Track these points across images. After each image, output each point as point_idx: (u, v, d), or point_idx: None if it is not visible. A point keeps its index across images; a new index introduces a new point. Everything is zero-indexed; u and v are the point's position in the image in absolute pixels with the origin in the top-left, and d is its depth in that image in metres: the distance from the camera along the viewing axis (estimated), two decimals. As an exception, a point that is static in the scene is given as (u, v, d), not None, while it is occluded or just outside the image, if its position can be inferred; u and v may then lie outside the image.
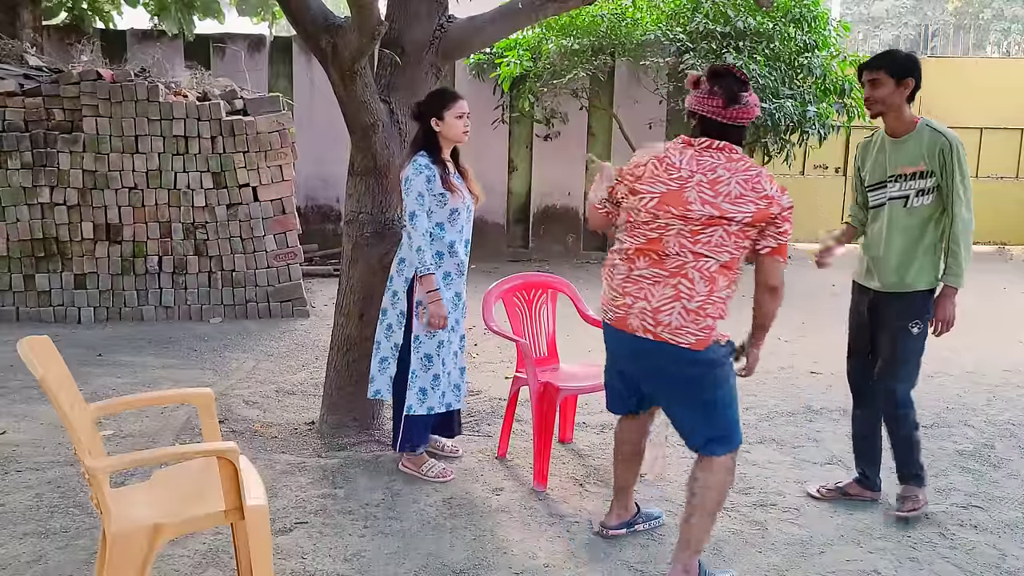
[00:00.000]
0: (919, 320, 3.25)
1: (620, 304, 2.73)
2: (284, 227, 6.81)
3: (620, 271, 2.75)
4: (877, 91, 3.22)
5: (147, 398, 3.17)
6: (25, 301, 6.52)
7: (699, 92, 2.74)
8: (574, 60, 8.92)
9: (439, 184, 3.43)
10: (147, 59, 7.92)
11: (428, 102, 3.51)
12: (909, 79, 3.18)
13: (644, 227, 2.69)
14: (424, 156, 3.46)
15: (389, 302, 3.60)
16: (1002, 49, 27.67)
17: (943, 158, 3.16)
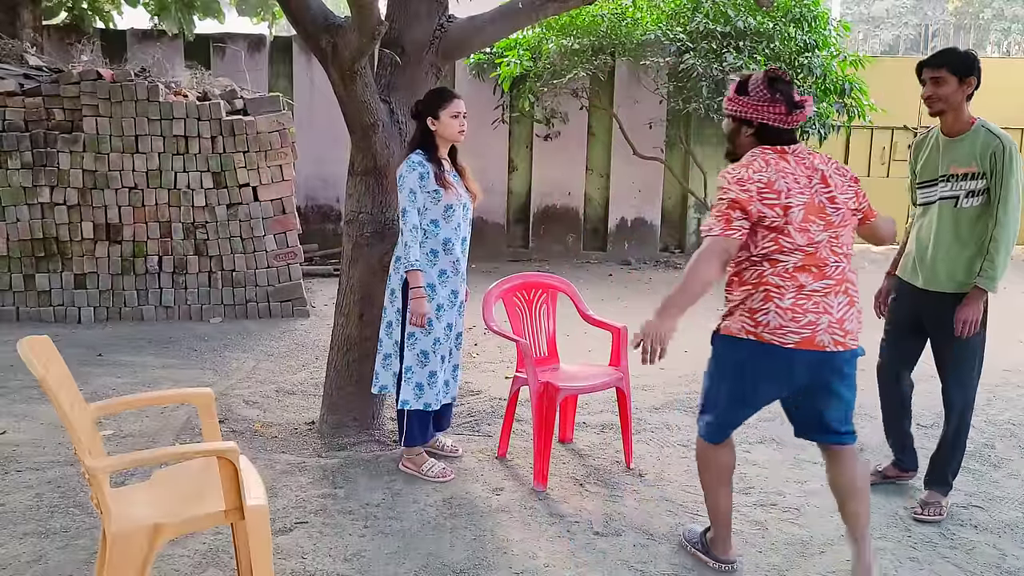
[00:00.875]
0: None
1: (804, 324, 2.60)
2: (284, 227, 6.81)
3: (788, 292, 2.61)
4: (941, 89, 3.20)
5: (147, 398, 3.17)
6: (25, 301, 6.51)
7: (754, 99, 2.69)
8: (574, 60, 8.92)
9: (432, 181, 3.46)
10: (147, 59, 7.92)
11: (425, 101, 3.55)
12: (972, 78, 3.18)
13: (796, 242, 2.60)
14: (419, 154, 3.50)
15: (388, 300, 3.62)
16: (1002, 49, 27.67)
17: (994, 160, 3.15)
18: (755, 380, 2.72)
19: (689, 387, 5.04)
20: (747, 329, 2.66)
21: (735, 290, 2.74)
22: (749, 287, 2.67)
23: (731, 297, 2.76)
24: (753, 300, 2.65)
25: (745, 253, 2.66)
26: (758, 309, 2.64)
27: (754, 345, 2.66)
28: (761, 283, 2.64)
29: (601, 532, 3.22)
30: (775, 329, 2.61)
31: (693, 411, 4.67)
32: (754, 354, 2.67)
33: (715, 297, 2.73)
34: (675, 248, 10.43)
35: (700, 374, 3.70)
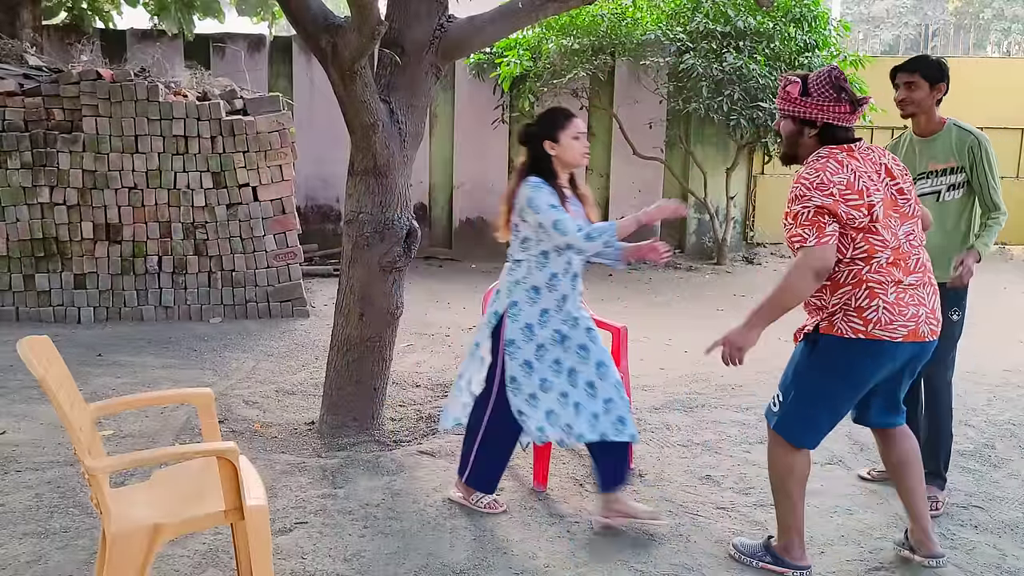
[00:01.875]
0: (958, 308, 3.39)
1: (909, 317, 2.66)
2: (284, 227, 6.81)
3: (889, 287, 2.66)
4: (914, 93, 3.42)
5: (147, 398, 3.18)
6: (25, 301, 6.51)
7: (818, 100, 2.70)
8: (574, 60, 8.92)
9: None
10: (147, 59, 7.91)
11: (541, 123, 3.19)
12: (942, 84, 3.41)
13: (885, 239, 2.66)
14: (537, 177, 3.13)
15: (524, 337, 3.18)
16: (1002, 49, 27.68)
17: (972, 154, 3.37)
18: (866, 378, 2.76)
19: (689, 387, 5.04)
20: (856, 328, 2.68)
21: (831, 294, 2.73)
22: (849, 287, 2.69)
23: (827, 300, 2.74)
24: (857, 299, 2.68)
25: (837, 254, 2.67)
26: (865, 307, 2.66)
27: (866, 343, 2.67)
28: (861, 282, 2.67)
29: (601, 532, 3.22)
30: (886, 325, 2.65)
31: (693, 411, 4.68)
32: (867, 352, 2.69)
33: (714, 300, 2.72)
34: (675, 248, 10.43)
35: (699, 374, 3.71)
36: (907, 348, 2.70)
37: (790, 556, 2.90)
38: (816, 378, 2.79)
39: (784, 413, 2.83)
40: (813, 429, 2.83)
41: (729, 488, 3.67)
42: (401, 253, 4.02)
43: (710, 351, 2.78)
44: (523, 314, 3.18)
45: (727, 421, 4.52)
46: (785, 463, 2.86)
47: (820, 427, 2.83)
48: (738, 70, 8.31)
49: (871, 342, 2.67)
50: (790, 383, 2.84)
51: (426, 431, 4.28)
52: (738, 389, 5.06)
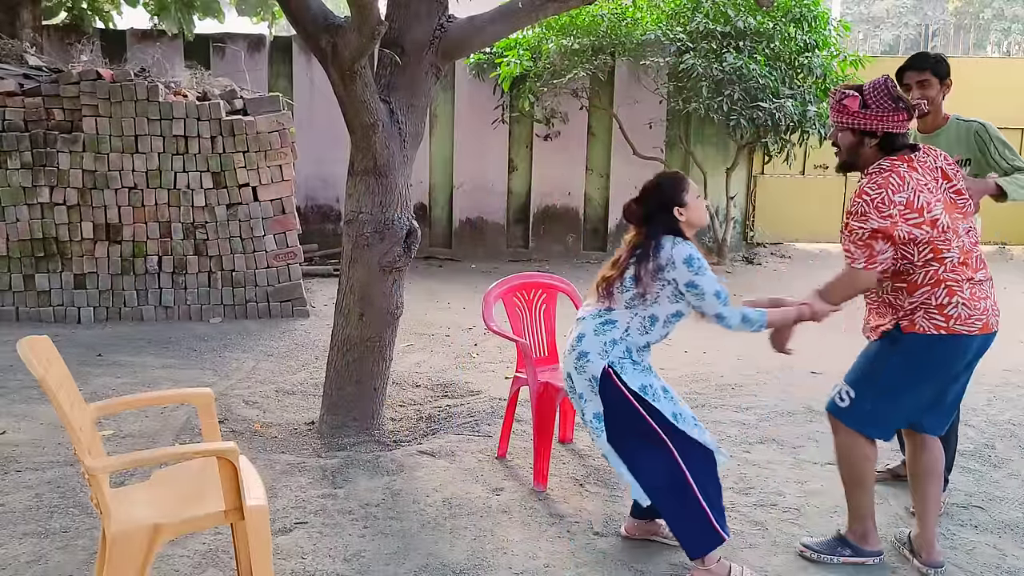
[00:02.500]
0: None
1: (982, 310, 2.79)
2: (284, 227, 6.81)
3: (963, 283, 2.78)
4: (928, 91, 3.40)
5: (147, 398, 3.18)
6: (25, 301, 6.51)
7: (878, 111, 2.79)
8: (574, 60, 8.92)
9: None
10: (147, 59, 7.91)
11: (668, 190, 2.99)
12: (949, 79, 3.43)
13: (951, 243, 2.77)
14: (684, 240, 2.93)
15: (579, 406, 3.03)
16: (1002, 49, 27.68)
17: (979, 138, 3.39)
18: (947, 372, 2.87)
19: (689, 387, 5.04)
20: (938, 325, 2.78)
21: (907, 295, 2.82)
22: (927, 287, 2.78)
23: (904, 300, 2.83)
24: (937, 298, 2.78)
25: (907, 262, 2.78)
26: (946, 304, 2.77)
27: (948, 339, 2.78)
28: (940, 281, 2.77)
29: (601, 532, 3.22)
30: (965, 320, 2.77)
31: (693, 411, 4.67)
32: (948, 347, 2.80)
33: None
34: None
35: (699, 374, 3.71)
36: (979, 340, 2.83)
37: (868, 544, 2.99)
38: (899, 375, 2.87)
39: (860, 408, 2.91)
40: (889, 423, 2.96)
41: (729, 488, 3.66)
42: (401, 253, 4.02)
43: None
44: (627, 365, 2.95)
45: (727, 421, 4.51)
46: (861, 454, 2.94)
47: (897, 421, 2.97)
48: (738, 70, 8.30)
49: (952, 337, 2.78)
50: (865, 379, 2.93)
51: (426, 431, 4.28)
52: (738, 389, 5.05)
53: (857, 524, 3.00)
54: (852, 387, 2.94)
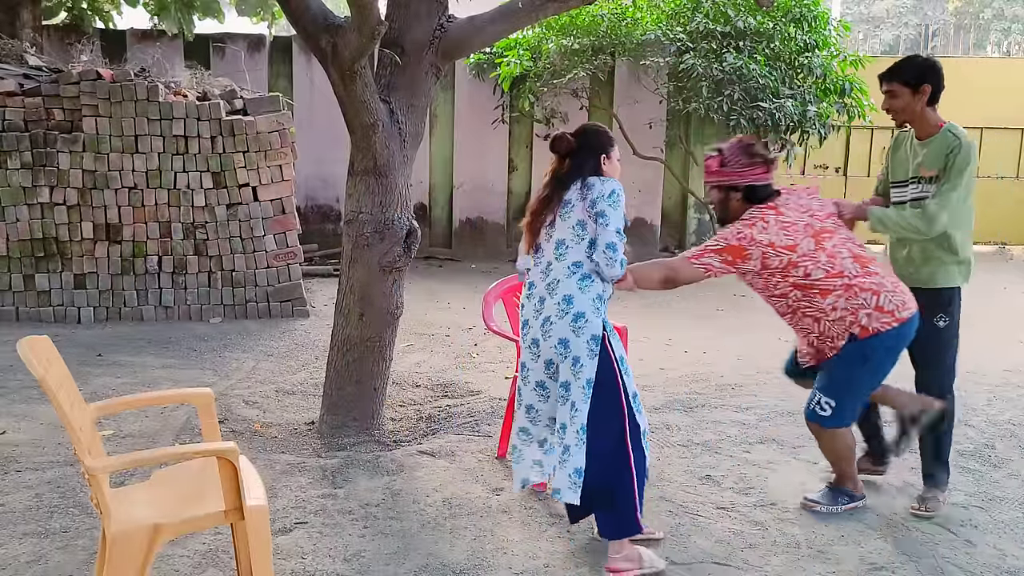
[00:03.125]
0: (944, 315, 3.34)
1: (904, 289, 3.16)
2: (284, 227, 6.81)
3: (876, 278, 3.10)
4: (895, 102, 3.32)
5: (147, 398, 3.18)
6: (25, 301, 6.51)
7: (737, 167, 3.13)
8: (574, 60, 8.92)
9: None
10: (147, 59, 7.92)
11: (601, 138, 3.06)
12: (925, 85, 3.26)
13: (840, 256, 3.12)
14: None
15: (571, 373, 2.87)
16: (1002, 49, 27.69)
17: (947, 160, 3.22)
18: (898, 355, 3.20)
19: (689, 387, 5.04)
20: (886, 322, 3.07)
21: (823, 297, 3.10)
22: (851, 294, 3.07)
23: (826, 303, 3.11)
24: (866, 300, 3.07)
25: (809, 281, 3.09)
26: (882, 303, 3.07)
27: (901, 327, 3.09)
28: (854, 287, 3.07)
29: (601, 532, 3.22)
30: (900, 305, 3.09)
31: (693, 411, 4.68)
32: (903, 334, 3.12)
33: (714, 300, 2.73)
34: (675, 248, 10.43)
35: (699, 374, 3.73)
36: (916, 318, 3.16)
37: (857, 489, 3.45)
38: (868, 375, 3.21)
39: (841, 413, 3.24)
40: (857, 410, 3.36)
41: (729, 488, 3.67)
42: (401, 253, 4.02)
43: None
44: (609, 327, 2.96)
45: (727, 421, 4.52)
46: (846, 443, 3.33)
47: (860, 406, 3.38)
48: (738, 70, 8.31)
49: (903, 324, 3.09)
50: (843, 387, 3.22)
51: (426, 431, 4.28)
52: (738, 389, 5.05)
53: (847, 481, 3.42)
54: (832, 397, 3.22)
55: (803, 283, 3.10)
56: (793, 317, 3.25)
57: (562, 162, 3.06)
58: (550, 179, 3.07)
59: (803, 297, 3.14)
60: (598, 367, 2.85)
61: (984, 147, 10.72)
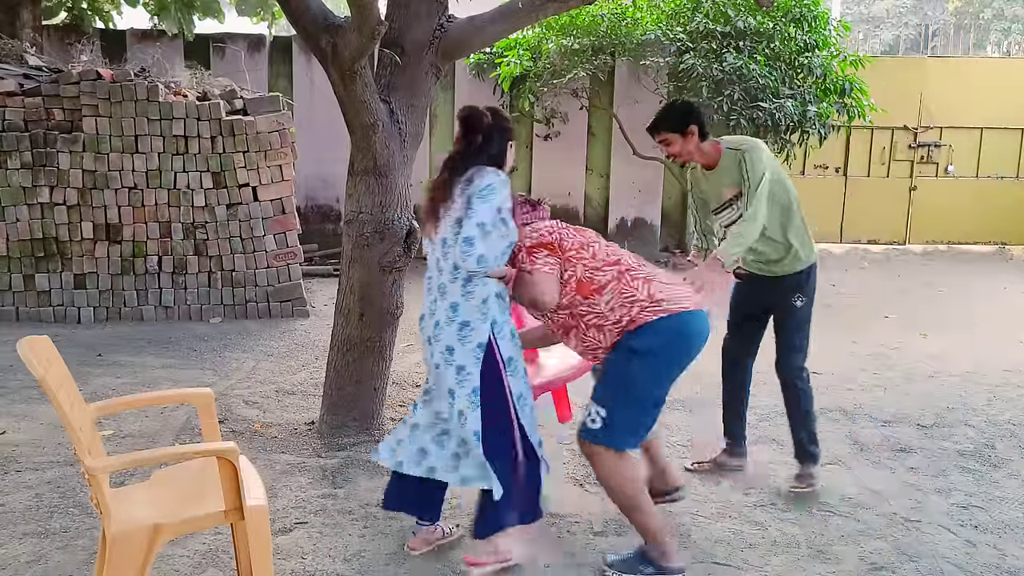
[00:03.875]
0: (801, 294, 3.57)
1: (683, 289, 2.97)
2: (284, 227, 6.81)
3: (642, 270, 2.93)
4: (671, 148, 3.48)
5: (147, 398, 3.18)
6: (25, 301, 6.51)
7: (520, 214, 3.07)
8: (574, 60, 8.92)
9: (508, 207, 2.88)
10: (147, 59, 7.91)
11: (509, 126, 3.05)
12: (691, 127, 3.43)
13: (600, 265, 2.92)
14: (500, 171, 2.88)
15: (455, 381, 2.82)
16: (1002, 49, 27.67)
17: (741, 167, 3.39)
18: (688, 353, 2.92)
19: (689, 387, 5.04)
20: (655, 311, 2.81)
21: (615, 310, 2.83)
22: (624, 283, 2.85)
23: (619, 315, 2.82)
24: (638, 289, 2.84)
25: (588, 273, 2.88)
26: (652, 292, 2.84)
27: (668, 317, 2.82)
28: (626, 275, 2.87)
29: (601, 532, 3.22)
30: (673, 297, 2.86)
31: (693, 411, 4.68)
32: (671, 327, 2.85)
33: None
34: (675, 248, 10.43)
35: (699, 374, 3.73)
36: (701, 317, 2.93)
37: (668, 560, 2.87)
38: (643, 378, 2.82)
39: (611, 424, 2.80)
40: (635, 432, 2.89)
41: (729, 488, 3.67)
42: (401, 253, 4.03)
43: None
44: (504, 324, 2.88)
45: (727, 421, 4.51)
46: (625, 477, 2.84)
47: (648, 423, 2.91)
48: (738, 70, 8.30)
49: (675, 315, 2.83)
50: (613, 392, 2.83)
51: (426, 431, 4.27)
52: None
53: (654, 544, 2.87)
54: (602, 406, 2.80)
55: (585, 277, 2.84)
56: (578, 332, 2.91)
57: (467, 140, 2.91)
58: (451, 158, 2.92)
59: (584, 302, 2.84)
60: (483, 370, 2.79)
61: (984, 147, 10.72)
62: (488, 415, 2.80)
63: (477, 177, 2.83)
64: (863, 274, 9.41)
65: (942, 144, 10.57)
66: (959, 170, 10.74)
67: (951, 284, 8.71)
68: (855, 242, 10.73)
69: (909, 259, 10.31)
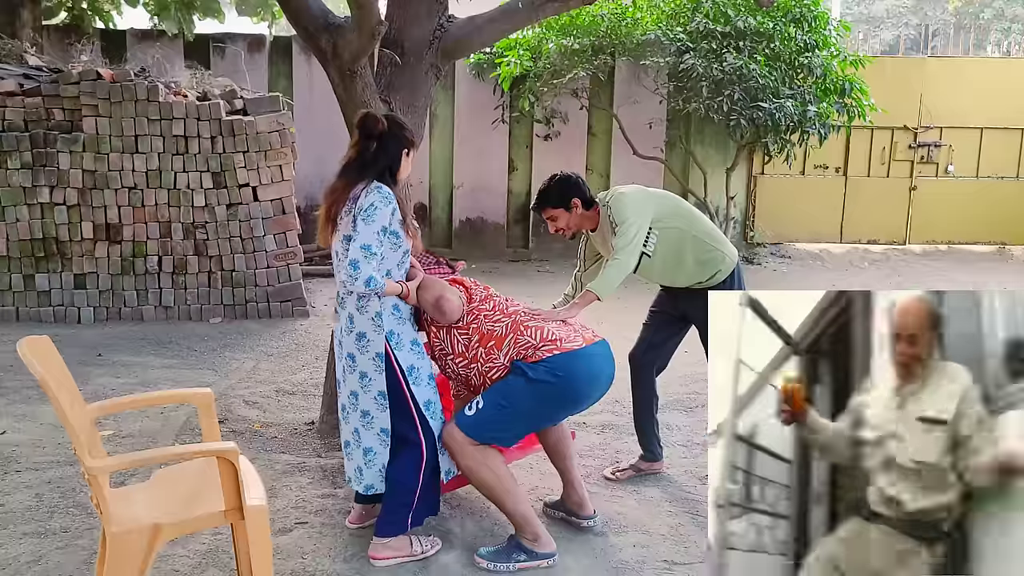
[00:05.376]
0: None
1: (575, 330, 3.06)
2: (284, 227, 6.81)
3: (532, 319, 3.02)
4: (558, 223, 3.52)
5: (147, 398, 3.18)
6: (25, 301, 6.51)
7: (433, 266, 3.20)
8: (574, 60, 8.92)
9: (398, 220, 2.87)
10: (147, 59, 7.92)
11: (407, 133, 3.00)
12: (574, 199, 3.48)
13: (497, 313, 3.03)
14: (385, 186, 2.85)
15: (359, 385, 2.92)
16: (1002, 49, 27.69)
17: (610, 220, 3.45)
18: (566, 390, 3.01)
19: (689, 387, 5.04)
20: (549, 349, 2.90)
21: (499, 349, 2.92)
22: (518, 332, 2.93)
23: (501, 355, 2.92)
24: (532, 336, 2.93)
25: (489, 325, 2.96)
26: (545, 335, 2.93)
27: (561, 355, 2.92)
28: (520, 325, 2.96)
29: (601, 532, 3.22)
30: (565, 338, 2.97)
31: (693, 411, 4.68)
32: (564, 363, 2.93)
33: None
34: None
35: (699, 374, 3.75)
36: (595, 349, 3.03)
37: (541, 546, 2.96)
38: (528, 396, 2.92)
39: (481, 416, 2.93)
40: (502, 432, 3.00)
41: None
42: (401, 253, 4.02)
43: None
44: (403, 334, 2.93)
45: (727, 421, 4.51)
46: (487, 467, 2.93)
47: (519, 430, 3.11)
48: (738, 70, 8.30)
49: (567, 353, 2.93)
50: (496, 392, 2.94)
51: (426, 431, 4.27)
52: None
53: (525, 529, 2.94)
54: (483, 398, 2.92)
55: (486, 328, 2.93)
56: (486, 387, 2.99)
57: (362, 145, 2.89)
58: (346, 165, 2.91)
59: (486, 357, 2.93)
60: (386, 379, 2.88)
61: (984, 147, 10.72)
62: (393, 421, 2.92)
63: (364, 195, 2.82)
64: (863, 274, 9.41)
65: (942, 144, 10.57)
66: (959, 170, 10.74)
67: (951, 284, 8.71)
68: (855, 242, 10.73)
69: (909, 259, 10.30)
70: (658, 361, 3.78)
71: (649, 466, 3.80)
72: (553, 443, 3.25)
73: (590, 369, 2.94)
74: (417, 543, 3.01)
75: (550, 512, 3.32)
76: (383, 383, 2.88)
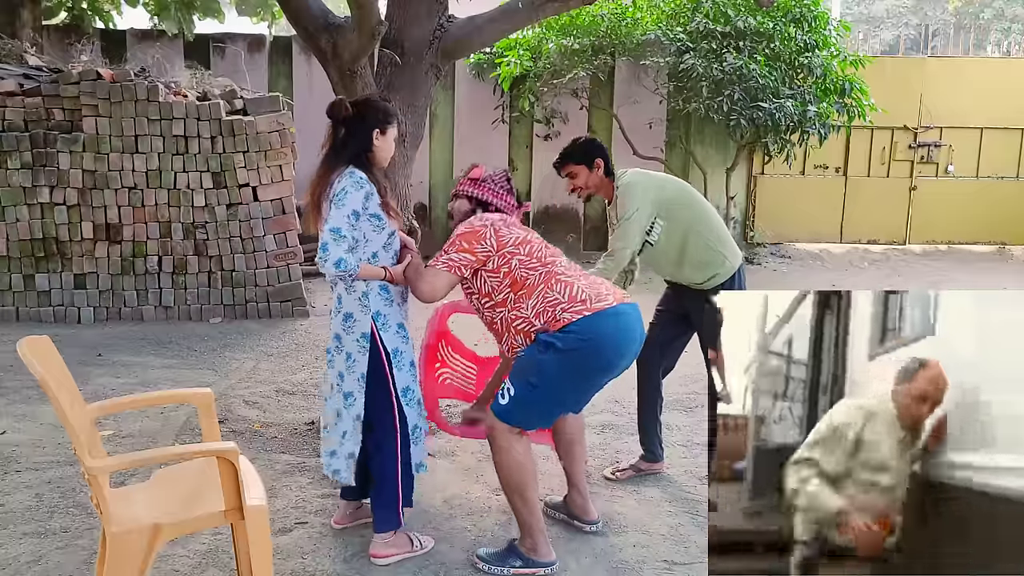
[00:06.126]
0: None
1: (607, 287, 2.93)
2: (284, 227, 6.81)
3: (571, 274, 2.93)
4: (577, 180, 3.54)
5: (147, 398, 3.18)
6: (25, 301, 6.51)
7: (496, 188, 3.21)
8: (574, 60, 8.92)
9: (376, 203, 2.90)
10: (147, 59, 7.92)
11: (380, 109, 3.01)
12: (597, 159, 3.51)
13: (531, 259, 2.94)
14: (358, 171, 2.89)
15: (345, 366, 2.92)
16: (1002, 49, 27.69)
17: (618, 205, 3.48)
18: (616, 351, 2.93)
19: (689, 387, 5.04)
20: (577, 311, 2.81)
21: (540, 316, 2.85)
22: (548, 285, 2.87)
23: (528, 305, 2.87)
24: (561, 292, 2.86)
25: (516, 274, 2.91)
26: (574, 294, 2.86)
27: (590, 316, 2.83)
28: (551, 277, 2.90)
29: (601, 532, 3.22)
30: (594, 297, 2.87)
31: (693, 411, 4.68)
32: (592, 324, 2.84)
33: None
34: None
35: (699, 374, 3.73)
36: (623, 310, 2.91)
37: (539, 555, 2.93)
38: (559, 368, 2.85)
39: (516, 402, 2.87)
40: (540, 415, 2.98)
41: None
42: (400, 253, 4.02)
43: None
44: (390, 316, 2.96)
45: (727, 421, 4.51)
46: (518, 462, 2.88)
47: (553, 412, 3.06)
48: (738, 70, 8.31)
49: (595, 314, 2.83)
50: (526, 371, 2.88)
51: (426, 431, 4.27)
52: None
53: (527, 537, 2.92)
54: (513, 383, 2.85)
55: (518, 274, 2.89)
56: (508, 339, 2.95)
57: (333, 132, 2.99)
58: (325, 155, 3.01)
59: (514, 304, 2.89)
60: (369, 362, 2.89)
61: (984, 147, 10.72)
62: (371, 404, 2.91)
63: (337, 181, 2.88)
64: (863, 274, 9.41)
65: (942, 144, 10.57)
66: (959, 170, 10.74)
67: (951, 284, 8.71)
68: (855, 242, 10.73)
69: (909, 259, 10.31)
70: (664, 361, 3.76)
71: (649, 466, 3.80)
72: (567, 443, 3.23)
73: (618, 326, 2.83)
74: (416, 540, 3.03)
75: (551, 513, 3.31)
76: (365, 365, 2.89)
